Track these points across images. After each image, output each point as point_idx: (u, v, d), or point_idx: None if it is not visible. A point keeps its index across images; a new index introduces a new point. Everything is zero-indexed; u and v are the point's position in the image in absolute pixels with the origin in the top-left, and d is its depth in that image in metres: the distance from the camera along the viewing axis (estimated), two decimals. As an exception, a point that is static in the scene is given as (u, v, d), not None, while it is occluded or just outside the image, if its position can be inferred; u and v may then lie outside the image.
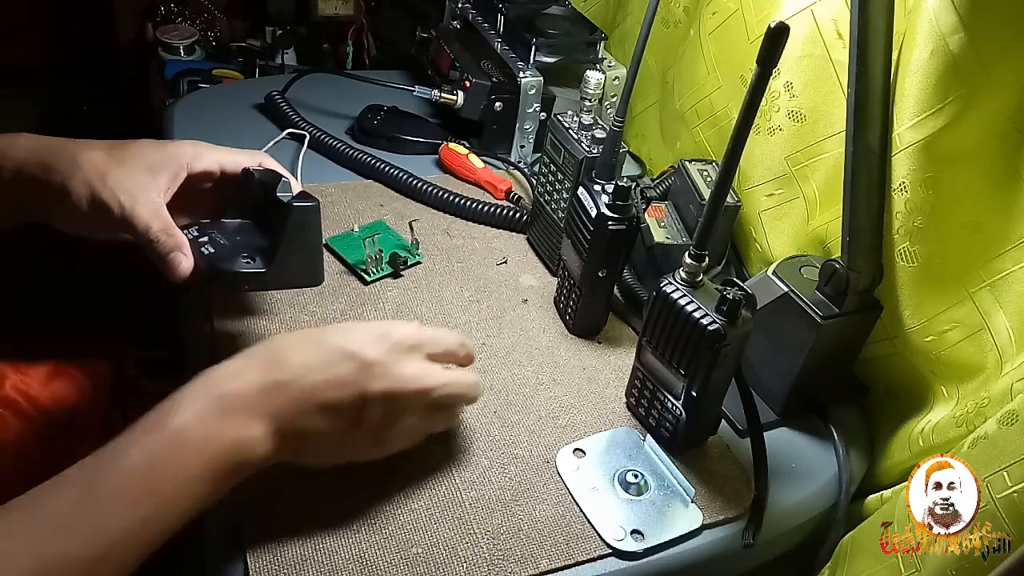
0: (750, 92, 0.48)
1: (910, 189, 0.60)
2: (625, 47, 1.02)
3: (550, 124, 0.76)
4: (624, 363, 0.70)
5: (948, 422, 0.60)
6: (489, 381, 0.67)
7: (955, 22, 0.55)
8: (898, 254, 0.62)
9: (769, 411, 0.68)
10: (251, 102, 0.98)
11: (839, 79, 0.68)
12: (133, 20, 1.70)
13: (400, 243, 0.79)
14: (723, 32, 0.79)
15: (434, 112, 1.00)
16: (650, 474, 0.61)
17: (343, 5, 1.71)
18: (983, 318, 0.59)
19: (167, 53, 1.66)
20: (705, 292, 0.57)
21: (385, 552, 0.53)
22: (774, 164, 0.74)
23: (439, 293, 0.76)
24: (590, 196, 0.67)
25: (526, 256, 0.83)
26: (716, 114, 0.82)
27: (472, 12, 1.04)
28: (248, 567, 0.51)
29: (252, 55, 1.69)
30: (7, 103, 1.68)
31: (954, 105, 0.56)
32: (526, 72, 0.92)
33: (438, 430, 0.57)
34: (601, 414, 0.66)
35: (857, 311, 0.63)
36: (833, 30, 0.68)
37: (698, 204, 0.75)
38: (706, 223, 0.55)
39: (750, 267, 0.82)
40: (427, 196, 0.86)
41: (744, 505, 0.60)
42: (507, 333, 0.73)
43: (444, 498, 0.57)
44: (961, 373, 0.62)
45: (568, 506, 0.58)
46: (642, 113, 1.00)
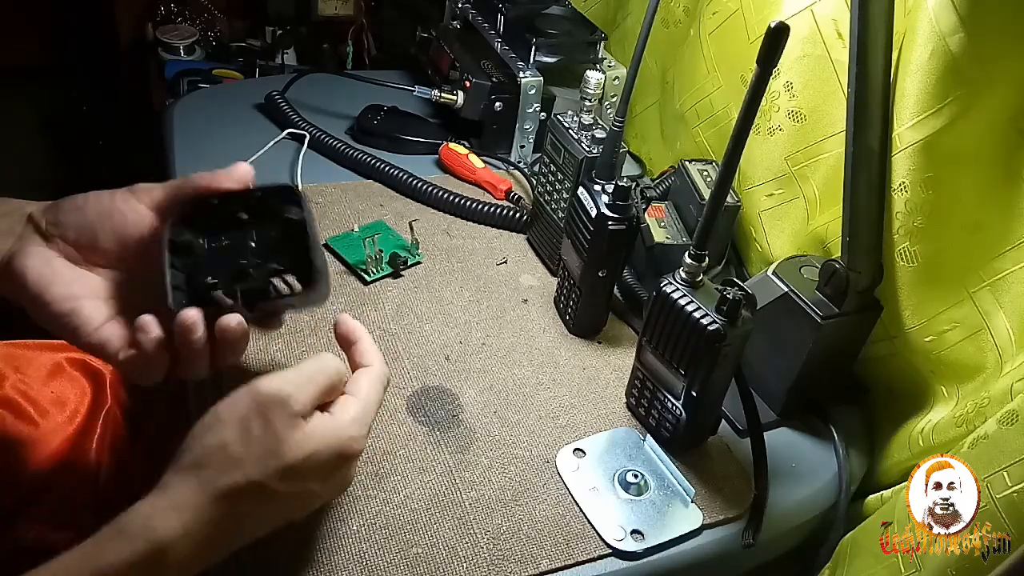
0: (750, 92, 0.48)
1: (910, 189, 0.60)
2: (625, 47, 1.02)
3: (550, 124, 0.76)
4: (624, 363, 0.70)
5: (948, 422, 0.60)
6: (489, 381, 0.67)
7: (955, 22, 0.55)
8: (898, 254, 0.62)
9: (769, 411, 0.68)
10: (251, 102, 0.98)
11: (839, 79, 0.68)
12: (133, 20, 1.71)
13: (400, 243, 0.79)
14: (723, 32, 0.79)
15: (434, 112, 1.00)
16: (650, 474, 0.61)
17: (343, 5, 1.72)
18: (983, 318, 0.59)
19: (167, 53, 1.66)
20: (705, 292, 0.57)
21: (385, 552, 0.53)
22: (774, 164, 0.74)
23: (439, 293, 0.76)
24: (590, 196, 0.67)
25: (526, 256, 0.83)
26: (716, 114, 0.82)
27: (472, 12, 1.04)
28: (248, 567, 0.51)
29: (252, 55, 1.69)
30: (7, 103, 1.68)
31: (954, 105, 0.56)
32: (526, 72, 0.92)
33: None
34: (601, 414, 0.66)
35: (857, 311, 0.63)
36: (833, 30, 0.68)
37: (698, 204, 0.75)
38: (706, 223, 0.55)
39: (750, 267, 0.82)
40: (427, 196, 0.86)
41: (744, 505, 0.60)
42: (507, 333, 0.73)
43: (444, 498, 0.57)
44: (961, 373, 0.62)
45: (568, 506, 0.58)
46: (642, 113, 1.00)
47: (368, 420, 0.49)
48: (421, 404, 0.64)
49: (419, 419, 0.63)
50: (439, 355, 0.69)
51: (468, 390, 0.66)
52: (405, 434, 0.62)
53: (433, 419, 0.63)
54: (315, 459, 0.46)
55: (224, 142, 0.90)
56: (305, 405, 0.46)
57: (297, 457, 0.45)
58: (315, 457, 0.46)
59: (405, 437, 0.61)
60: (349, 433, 0.48)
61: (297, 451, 0.45)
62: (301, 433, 0.46)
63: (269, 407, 0.45)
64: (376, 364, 0.52)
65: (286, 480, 0.45)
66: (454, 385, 0.66)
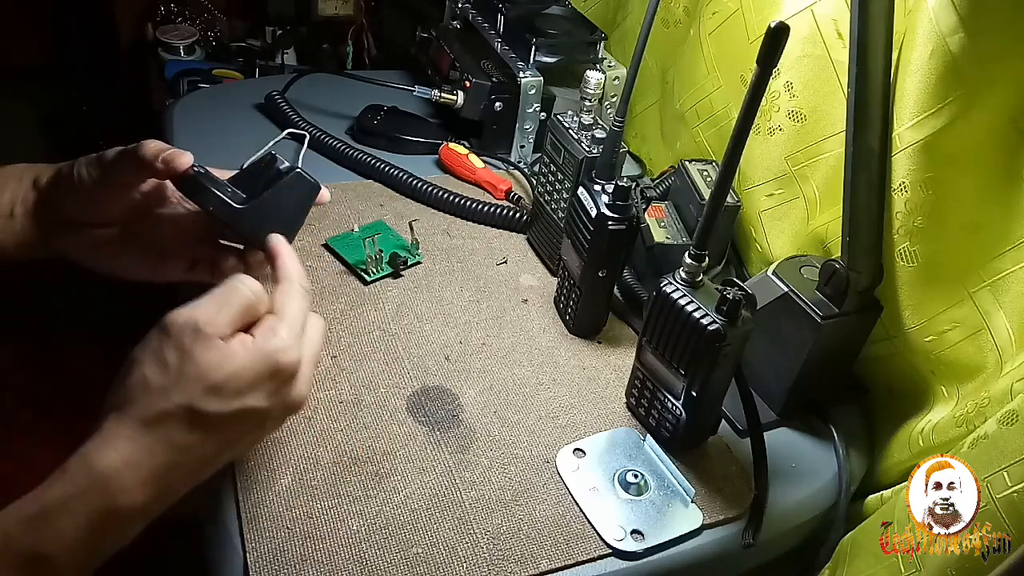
0: (750, 92, 0.48)
1: (910, 189, 0.60)
2: (625, 47, 1.02)
3: (550, 124, 0.76)
4: (624, 363, 0.70)
5: (948, 422, 0.60)
6: (489, 381, 0.67)
7: (955, 22, 0.55)
8: (898, 254, 0.62)
9: (769, 411, 0.68)
10: (251, 102, 0.98)
11: (839, 79, 0.68)
12: (133, 20, 1.71)
13: (400, 243, 0.79)
14: (723, 32, 0.79)
15: (434, 112, 1.00)
16: (650, 474, 0.61)
17: (343, 5, 1.72)
18: (983, 318, 0.59)
19: (167, 53, 1.66)
20: (705, 292, 0.57)
21: (385, 552, 0.53)
22: (774, 164, 0.74)
23: (439, 293, 0.76)
24: (590, 196, 0.67)
25: (526, 256, 0.83)
26: (716, 114, 0.82)
27: (472, 12, 1.04)
28: (248, 567, 0.51)
29: (252, 55, 1.69)
30: (7, 103, 1.68)
31: (954, 105, 0.56)
32: (526, 72, 0.92)
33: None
34: (601, 414, 0.66)
35: (857, 311, 0.63)
36: (833, 30, 0.68)
37: (698, 204, 0.75)
38: (706, 223, 0.55)
39: (750, 267, 0.82)
40: (427, 196, 0.86)
41: (744, 505, 0.60)
42: (507, 333, 0.73)
43: (444, 498, 0.57)
44: (961, 373, 0.62)
45: (568, 506, 0.58)
46: (642, 113, 1.00)
47: (294, 330, 0.49)
48: (421, 404, 0.64)
49: (419, 419, 0.63)
50: (439, 355, 0.69)
51: (468, 390, 0.66)
52: (405, 434, 0.62)
53: (433, 419, 0.63)
54: (243, 375, 0.46)
55: (224, 142, 0.90)
56: (218, 327, 0.46)
57: (220, 376, 0.45)
58: (242, 373, 0.46)
59: (405, 437, 0.61)
60: (274, 346, 0.47)
61: (219, 370, 0.45)
62: (219, 353, 0.46)
63: (181, 335, 0.45)
64: (292, 276, 0.52)
65: (215, 399, 0.45)
66: (454, 385, 0.66)
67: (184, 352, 0.45)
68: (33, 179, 0.59)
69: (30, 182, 0.59)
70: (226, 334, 0.47)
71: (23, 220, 0.58)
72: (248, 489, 0.56)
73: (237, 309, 0.48)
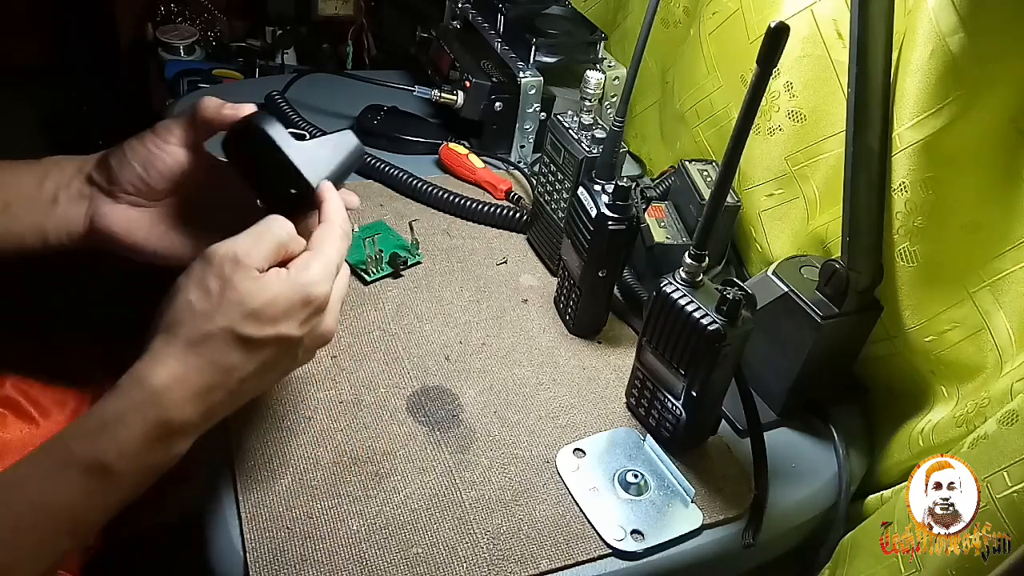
0: (750, 92, 0.48)
1: (910, 189, 0.60)
2: (625, 47, 1.02)
3: (550, 124, 0.76)
4: (624, 363, 0.70)
5: (948, 422, 0.60)
6: (489, 381, 0.67)
7: (955, 22, 0.55)
8: (898, 254, 0.62)
9: (769, 411, 0.68)
10: (251, 102, 0.97)
11: (839, 79, 0.68)
12: (133, 20, 1.71)
13: (400, 243, 0.79)
14: (723, 32, 0.79)
15: (434, 112, 1.00)
16: (650, 474, 0.61)
17: (343, 5, 1.72)
18: (983, 318, 0.59)
19: (167, 53, 1.66)
20: (705, 292, 0.57)
21: (385, 552, 0.53)
22: (774, 164, 0.74)
23: (439, 293, 0.76)
24: (590, 196, 0.67)
25: (526, 256, 0.83)
26: (716, 114, 0.82)
27: (472, 12, 1.04)
28: (248, 567, 0.51)
29: (252, 55, 1.69)
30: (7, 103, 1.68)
31: (954, 105, 0.56)
32: (526, 72, 0.92)
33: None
34: (601, 414, 0.66)
35: (857, 311, 0.63)
36: (833, 30, 0.68)
37: (698, 204, 0.75)
38: (706, 223, 0.55)
39: (750, 267, 0.82)
40: (427, 196, 0.86)
41: (744, 505, 0.60)
42: (507, 333, 0.73)
43: (444, 498, 0.57)
44: (961, 373, 0.62)
45: (568, 506, 0.58)
46: (642, 113, 1.00)
47: (329, 269, 0.52)
48: (421, 404, 0.64)
49: (419, 419, 0.63)
50: (439, 355, 0.69)
51: (468, 390, 0.66)
52: (405, 434, 0.62)
53: (433, 419, 0.63)
54: (278, 303, 0.49)
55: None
56: (255, 259, 0.49)
57: (257, 302, 0.48)
58: (277, 301, 0.49)
59: (405, 437, 0.61)
60: (308, 278, 0.50)
61: (257, 296, 0.48)
62: (257, 282, 0.48)
63: (222, 264, 0.48)
64: (335, 220, 0.54)
65: (253, 323, 0.48)
66: (454, 385, 0.66)
67: (225, 279, 0.48)
68: (76, 167, 0.59)
69: (73, 170, 0.59)
70: (262, 267, 0.50)
71: (67, 206, 0.58)
72: (248, 489, 0.56)
73: (272, 245, 0.50)
